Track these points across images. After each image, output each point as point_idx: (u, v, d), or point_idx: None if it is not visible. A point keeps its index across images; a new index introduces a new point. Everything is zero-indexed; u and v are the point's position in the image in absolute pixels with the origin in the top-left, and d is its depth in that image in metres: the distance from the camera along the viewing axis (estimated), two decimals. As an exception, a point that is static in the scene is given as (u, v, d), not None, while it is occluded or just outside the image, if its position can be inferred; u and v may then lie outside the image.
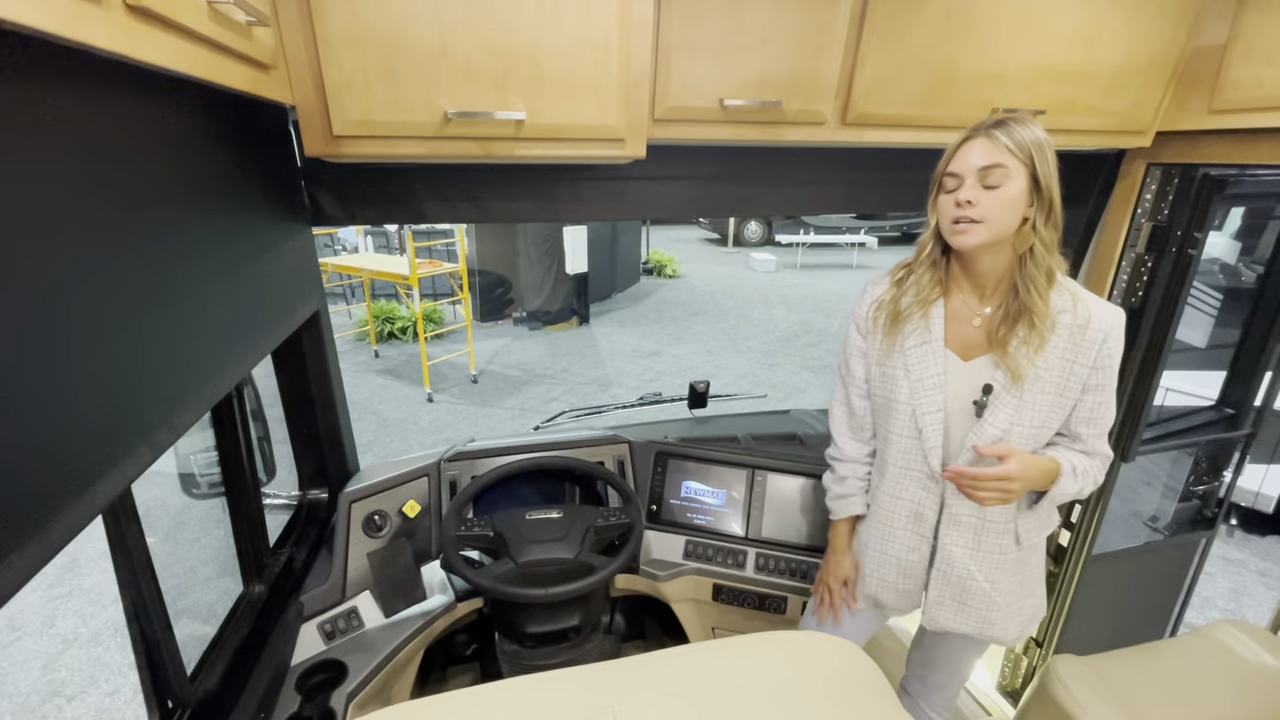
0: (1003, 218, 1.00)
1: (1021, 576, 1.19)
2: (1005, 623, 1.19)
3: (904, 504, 1.19)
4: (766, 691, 0.57)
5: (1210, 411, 1.96)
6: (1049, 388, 1.05)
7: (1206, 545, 1.99)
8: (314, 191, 1.28)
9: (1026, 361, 1.04)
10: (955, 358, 1.11)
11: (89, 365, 0.57)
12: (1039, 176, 0.98)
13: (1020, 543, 1.15)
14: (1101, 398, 1.08)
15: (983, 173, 0.99)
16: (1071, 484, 1.08)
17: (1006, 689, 2.01)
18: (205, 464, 1.31)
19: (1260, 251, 3.43)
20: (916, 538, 1.19)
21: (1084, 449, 1.11)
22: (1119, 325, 1.05)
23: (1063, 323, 1.04)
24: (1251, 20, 1.25)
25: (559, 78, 1.05)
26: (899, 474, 1.18)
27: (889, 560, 1.23)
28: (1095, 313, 1.04)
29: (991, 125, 1.00)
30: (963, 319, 1.11)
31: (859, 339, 1.22)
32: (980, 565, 1.16)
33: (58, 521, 0.52)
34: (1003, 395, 1.06)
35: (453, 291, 6.97)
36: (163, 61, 0.58)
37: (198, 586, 1.43)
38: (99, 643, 2.62)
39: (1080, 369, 1.05)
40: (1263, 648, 1.24)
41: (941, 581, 1.19)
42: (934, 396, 1.10)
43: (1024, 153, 0.98)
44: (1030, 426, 1.07)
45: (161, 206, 0.71)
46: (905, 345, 1.12)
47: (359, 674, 1.26)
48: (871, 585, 1.27)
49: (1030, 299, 1.03)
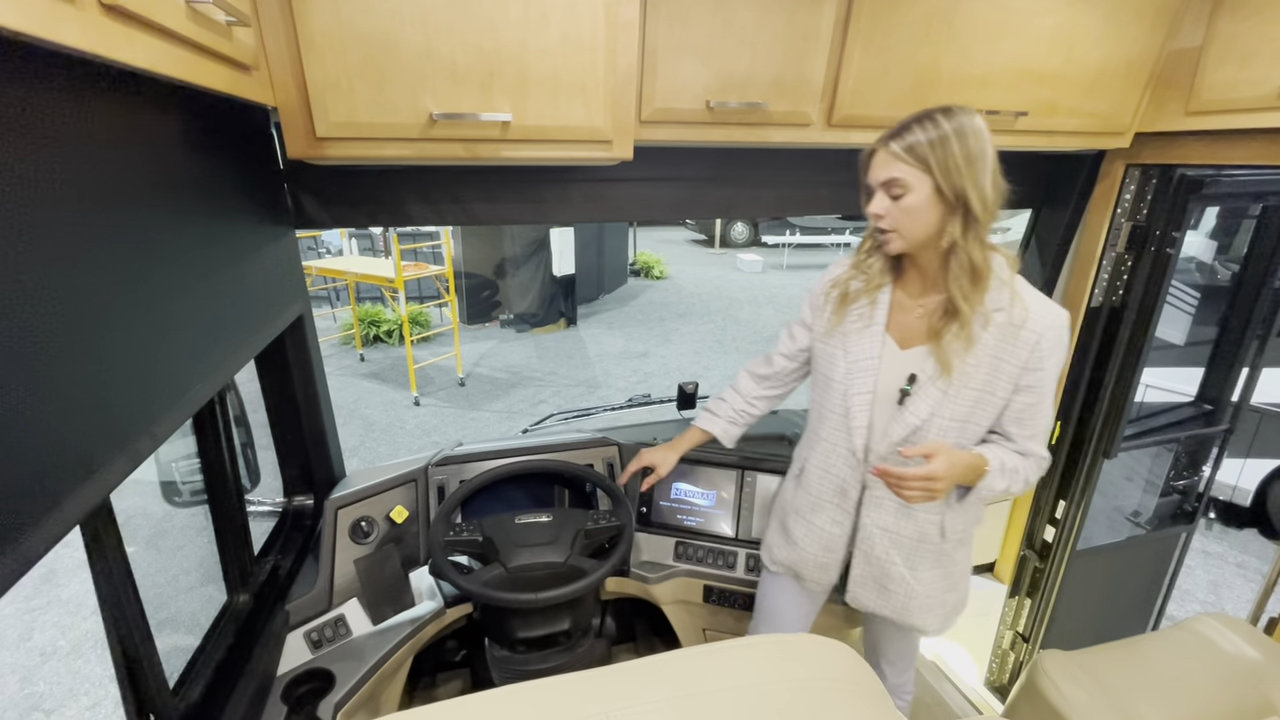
0: (912, 225, 1.01)
1: (945, 570, 1.21)
2: (925, 614, 1.22)
3: (832, 478, 1.22)
4: (759, 695, 0.57)
5: (1189, 408, 1.99)
6: (975, 384, 1.06)
7: (1187, 539, 2.02)
8: (297, 194, 1.26)
9: (957, 356, 1.04)
10: (893, 344, 1.13)
11: (62, 373, 0.55)
12: (940, 184, 0.97)
13: (945, 536, 1.17)
14: (1033, 399, 1.07)
15: (885, 185, 1.01)
16: (999, 481, 1.07)
17: (994, 684, 2.03)
18: (187, 471, 1.28)
19: (1235, 250, 3.50)
20: (841, 512, 1.23)
21: (1016, 449, 1.11)
22: (1057, 328, 1.03)
23: (997, 320, 1.03)
24: (1226, 24, 1.27)
25: (545, 79, 1.05)
26: (828, 449, 1.21)
27: (814, 530, 1.27)
28: (1033, 314, 1.03)
29: (890, 135, 1.00)
30: (907, 308, 1.13)
31: (808, 312, 1.26)
32: (899, 549, 1.18)
33: (33, 533, 0.51)
34: (927, 386, 1.07)
35: (439, 294, 6.92)
36: (139, 62, 0.57)
37: (180, 596, 1.41)
38: (78, 655, 2.57)
39: (1010, 368, 1.04)
40: (1242, 639, 1.26)
41: (863, 562, 1.23)
42: (866, 379, 1.12)
43: (921, 161, 0.96)
44: (952, 420, 1.08)
45: (138, 209, 0.69)
46: (847, 326, 1.15)
47: (347, 683, 1.24)
48: (795, 554, 1.31)
49: (954, 298, 1.03)
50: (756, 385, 1.38)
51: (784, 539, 1.34)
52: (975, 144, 0.97)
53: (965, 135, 0.96)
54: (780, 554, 1.35)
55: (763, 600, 1.46)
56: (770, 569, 1.40)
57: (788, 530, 1.33)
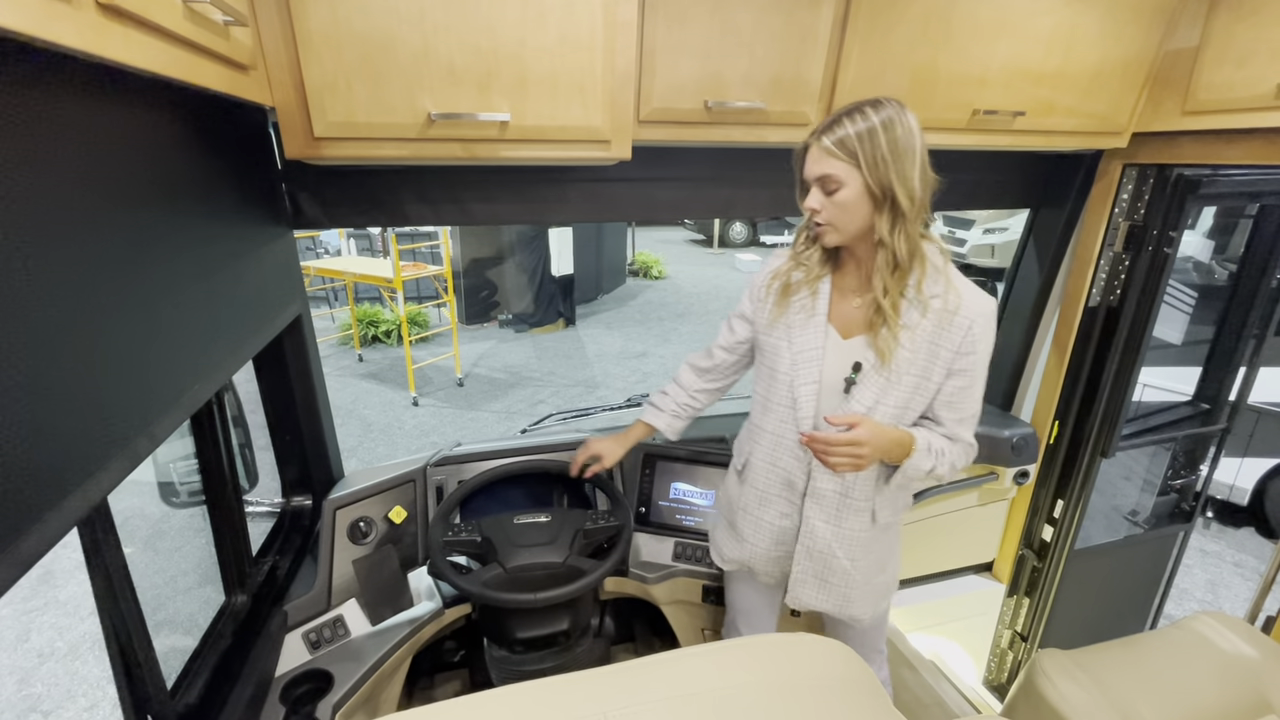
0: (846, 219, 1.03)
1: (876, 555, 1.24)
2: (862, 601, 1.25)
3: (779, 471, 1.22)
4: (758, 694, 0.57)
5: (1186, 407, 2.00)
6: (914, 369, 1.08)
7: (1184, 538, 2.03)
8: (295, 194, 1.26)
9: (896, 344, 1.06)
10: (835, 334, 1.14)
11: (59, 373, 0.55)
12: (868, 180, 0.98)
13: (876, 520, 1.20)
14: (964, 383, 1.10)
15: (819, 180, 1.02)
16: (925, 460, 1.09)
17: (993, 684, 2.03)
18: (185, 472, 1.28)
19: (1232, 250, 3.51)
20: (789, 504, 1.23)
21: (945, 433, 1.14)
22: (986, 315, 1.06)
23: (934, 307, 1.06)
24: (1222, 24, 1.27)
25: (543, 79, 1.05)
26: (774, 442, 1.21)
27: (764, 525, 1.27)
28: (965, 300, 1.06)
29: (823, 128, 1.01)
30: (846, 298, 1.15)
31: (748, 304, 1.26)
32: (840, 542, 1.20)
33: (30, 535, 0.51)
34: (871, 374, 1.10)
35: (437, 294, 6.92)
36: (136, 62, 0.57)
37: (178, 597, 1.41)
38: (76, 656, 2.56)
39: (945, 353, 1.07)
40: (1240, 638, 1.27)
41: (805, 557, 1.23)
42: (811, 369, 1.13)
43: (851, 155, 0.98)
44: (895, 406, 1.10)
45: (135, 209, 0.69)
46: (790, 317, 1.16)
47: (345, 683, 1.24)
48: (747, 551, 1.31)
49: (876, 291, 1.06)
50: (698, 378, 1.38)
51: (733, 537, 1.34)
52: (903, 137, 0.97)
53: (892, 128, 0.97)
54: (731, 552, 1.35)
55: (732, 597, 1.47)
56: (724, 568, 1.40)
57: (736, 528, 1.32)
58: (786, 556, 1.27)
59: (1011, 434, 1.93)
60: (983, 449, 1.95)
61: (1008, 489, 2.05)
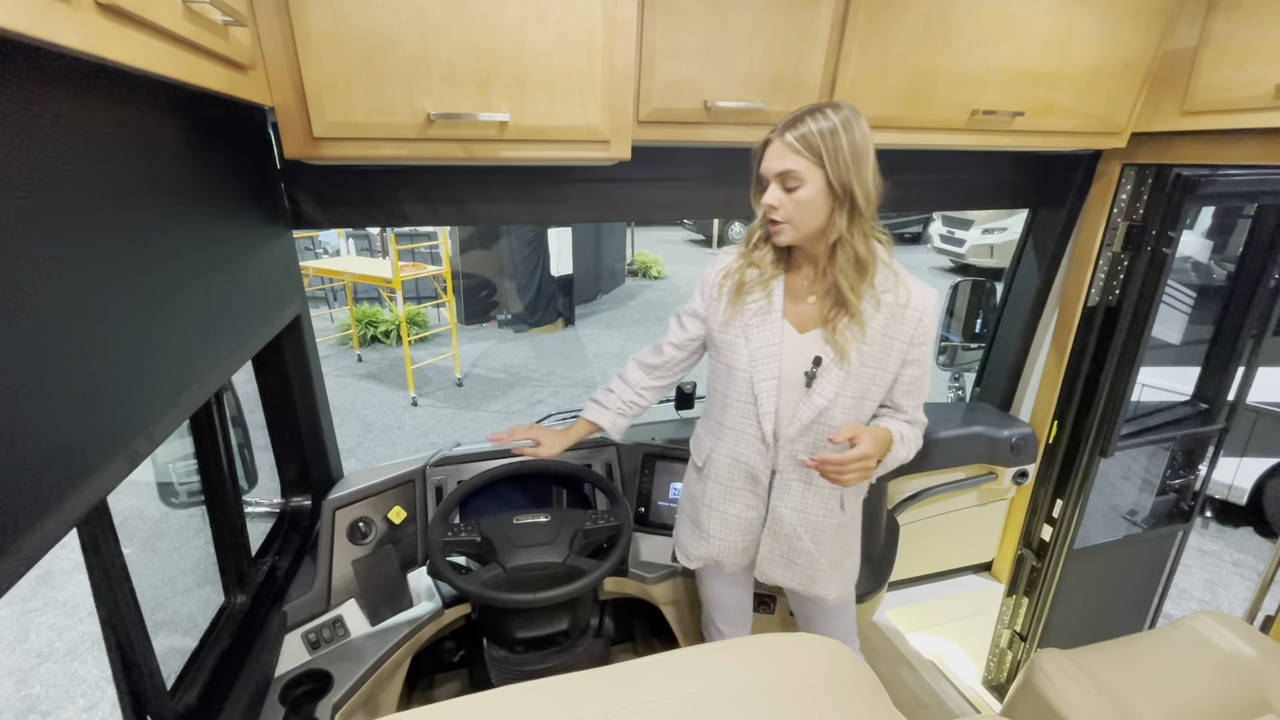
0: (805, 217, 1.04)
1: (842, 540, 1.29)
2: (828, 582, 1.29)
3: (742, 466, 1.24)
4: (758, 694, 0.57)
5: (1185, 407, 2.00)
6: (871, 361, 1.12)
7: (1183, 538, 2.03)
8: (294, 194, 1.26)
9: (852, 340, 1.10)
10: (792, 330, 1.16)
11: (57, 373, 0.55)
12: (830, 178, 1.01)
13: (845, 508, 1.24)
14: (919, 371, 1.15)
15: (781, 176, 1.03)
16: (901, 450, 1.14)
17: (992, 683, 2.03)
18: (184, 473, 1.28)
19: (1231, 250, 3.52)
20: (754, 497, 1.25)
21: (906, 419, 1.19)
22: (933, 306, 1.13)
23: (885, 301, 1.10)
24: (1220, 24, 1.28)
25: (543, 79, 1.05)
26: (736, 437, 1.23)
27: (731, 520, 1.28)
28: (914, 293, 1.11)
29: (785, 125, 1.02)
30: (800, 296, 1.17)
31: (700, 302, 1.27)
32: (806, 527, 1.23)
33: (30, 536, 0.51)
34: (830, 368, 1.12)
35: (436, 294, 6.91)
36: (135, 62, 0.57)
37: (177, 597, 1.40)
38: (75, 657, 2.56)
39: (899, 344, 1.12)
40: (1239, 638, 1.27)
41: (771, 539, 1.27)
42: (770, 365, 1.15)
43: (814, 153, 1.00)
44: (853, 397, 1.14)
45: (134, 209, 0.69)
46: (746, 315, 1.17)
47: (345, 684, 1.24)
48: (714, 547, 1.32)
49: (841, 290, 1.08)
50: (645, 375, 1.37)
51: (698, 534, 1.34)
52: (860, 139, 1.00)
53: (851, 129, 0.99)
54: (697, 550, 1.35)
55: (704, 593, 1.47)
56: (691, 567, 1.40)
57: (700, 525, 1.33)
58: (753, 545, 1.30)
59: (1011, 434, 1.93)
60: (982, 449, 1.96)
61: (1007, 489, 2.05)
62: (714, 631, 1.50)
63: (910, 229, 13.24)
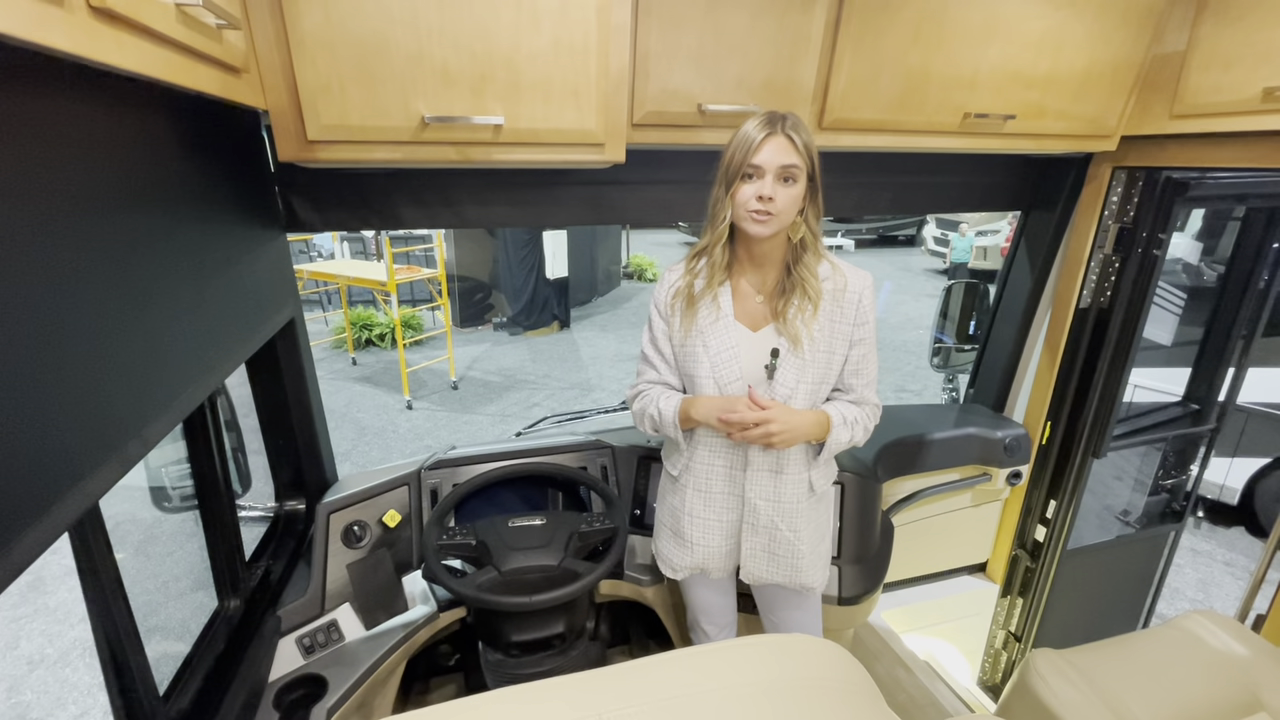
0: (790, 211, 1.11)
1: (816, 524, 1.33)
2: (811, 570, 1.32)
3: (719, 468, 1.28)
4: (753, 695, 0.57)
5: (1177, 407, 2.01)
6: (822, 346, 1.19)
7: (1175, 538, 2.04)
8: (288, 197, 1.25)
9: (804, 327, 1.17)
10: (745, 330, 1.21)
11: (50, 377, 0.55)
12: (815, 176, 1.11)
13: (814, 489, 1.29)
14: (865, 350, 1.23)
15: (782, 170, 1.07)
16: (844, 432, 1.21)
17: (986, 683, 2.04)
18: (177, 476, 1.27)
19: (1220, 252, 3.55)
20: (732, 497, 1.29)
21: (854, 399, 1.25)
22: (869, 286, 1.21)
23: (826, 289, 1.18)
24: (1209, 29, 1.29)
25: (537, 82, 1.05)
26: (710, 440, 1.26)
27: (713, 524, 1.31)
28: (850, 278, 1.19)
29: (788, 125, 1.07)
30: (747, 296, 1.22)
31: (661, 323, 1.28)
32: (781, 515, 1.27)
33: (20, 541, 0.50)
34: (788, 358, 1.18)
35: (431, 297, 6.90)
36: (128, 65, 0.57)
37: (170, 602, 1.39)
38: (66, 663, 2.53)
39: (844, 327, 1.20)
40: (1231, 637, 1.28)
41: (751, 534, 1.30)
42: (732, 366, 1.20)
43: (806, 150, 1.08)
44: (813, 382, 1.20)
45: (127, 212, 0.69)
46: (701, 324, 1.21)
47: (339, 688, 1.23)
48: (699, 555, 1.33)
49: (803, 274, 1.17)
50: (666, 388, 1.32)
51: (681, 545, 1.35)
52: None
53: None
54: (681, 560, 1.36)
55: (689, 599, 1.47)
56: (676, 577, 1.40)
57: (683, 535, 1.34)
58: (736, 548, 1.32)
59: (1004, 435, 1.94)
60: (976, 450, 1.97)
61: (1001, 490, 2.06)
62: (700, 634, 1.50)
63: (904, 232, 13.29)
